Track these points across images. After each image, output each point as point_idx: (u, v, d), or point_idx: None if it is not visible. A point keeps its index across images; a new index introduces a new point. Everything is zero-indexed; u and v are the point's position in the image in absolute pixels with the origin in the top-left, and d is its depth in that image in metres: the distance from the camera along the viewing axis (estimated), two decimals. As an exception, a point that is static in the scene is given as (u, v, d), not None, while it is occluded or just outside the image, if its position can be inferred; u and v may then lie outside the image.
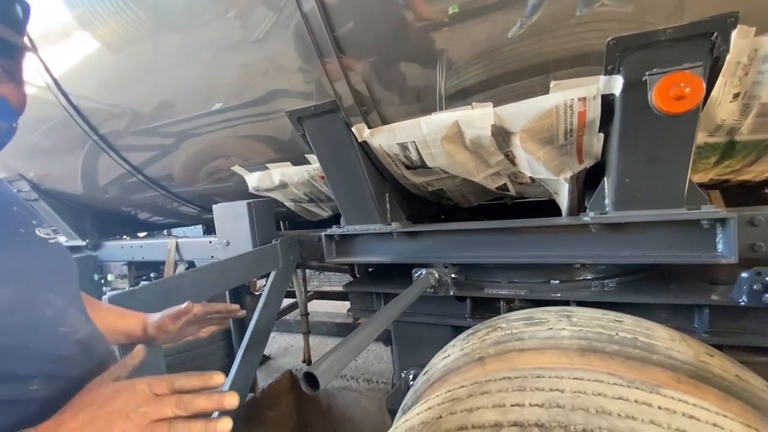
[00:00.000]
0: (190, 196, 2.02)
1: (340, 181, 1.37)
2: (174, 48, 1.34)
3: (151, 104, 1.55)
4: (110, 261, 2.23)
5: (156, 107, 1.55)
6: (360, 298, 1.56)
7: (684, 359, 0.78)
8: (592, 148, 1.09)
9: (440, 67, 1.05)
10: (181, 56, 1.35)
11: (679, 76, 0.78)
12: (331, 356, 0.73)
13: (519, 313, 1.06)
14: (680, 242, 1.04)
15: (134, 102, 1.59)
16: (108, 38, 1.40)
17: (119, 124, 1.68)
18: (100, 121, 1.71)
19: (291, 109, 1.27)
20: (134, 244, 2.12)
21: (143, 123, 1.63)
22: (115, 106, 1.63)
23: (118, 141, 1.77)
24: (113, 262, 2.23)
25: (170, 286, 1.05)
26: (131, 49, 1.40)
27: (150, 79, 1.48)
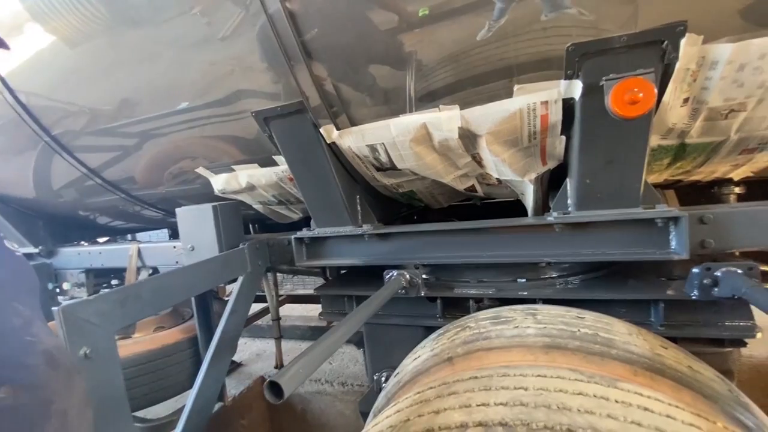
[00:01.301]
0: (153, 199, 1.94)
1: (309, 183, 1.35)
2: (136, 44, 1.28)
3: (111, 103, 1.48)
4: (66, 269, 2.11)
5: (116, 106, 1.48)
6: (332, 301, 1.54)
7: (640, 353, 0.81)
8: (555, 150, 1.12)
9: (409, 70, 1.06)
10: (144, 53, 1.29)
11: (633, 81, 0.81)
12: (298, 363, 0.71)
13: (487, 312, 1.08)
14: (637, 240, 1.09)
15: (92, 101, 1.51)
16: (63, 32, 1.32)
17: (75, 124, 1.59)
18: (53, 121, 1.61)
19: (257, 109, 1.23)
20: (92, 251, 2.01)
21: (102, 123, 1.55)
22: (70, 105, 1.54)
23: (74, 142, 1.68)
24: (69, 269, 2.11)
25: (129, 294, 1.00)
26: (88, 45, 1.33)
27: (109, 77, 1.40)
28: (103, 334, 0.91)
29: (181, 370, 1.75)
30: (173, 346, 1.73)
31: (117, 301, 0.96)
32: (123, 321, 0.98)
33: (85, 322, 0.87)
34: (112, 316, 0.95)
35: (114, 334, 0.95)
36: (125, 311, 0.98)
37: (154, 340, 1.71)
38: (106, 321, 0.93)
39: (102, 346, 0.91)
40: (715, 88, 0.87)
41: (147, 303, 1.05)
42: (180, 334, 1.80)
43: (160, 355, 1.67)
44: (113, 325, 0.95)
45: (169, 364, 1.69)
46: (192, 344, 1.80)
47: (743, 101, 0.88)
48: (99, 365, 0.88)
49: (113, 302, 0.95)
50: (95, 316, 0.90)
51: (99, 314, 0.91)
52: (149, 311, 1.07)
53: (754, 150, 1.05)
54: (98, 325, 0.90)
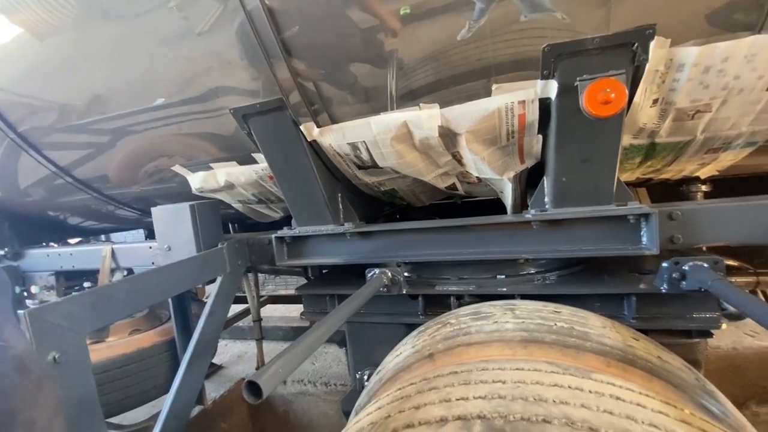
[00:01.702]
0: (127, 198, 1.88)
1: (289, 182, 1.34)
2: (109, 38, 1.24)
3: (82, 99, 1.42)
4: (34, 271, 2.02)
5: (87, 102, 1.43)
6: (313, 300, 1.53)
7: (613, 345, 0.84)
8: (532, 149, 1.14)
9: (390, 68, 1.06)
10: (118, 47, 1.25)
11: (605, 82, 0.84)
12: (277, 362, 0.70)
13: (467, 308, 1.09)
14: (611, 236, 1.13)
15: (61, 96, 1.45)
16: (30, 24, 1.26)
17: (43, 121, 1.53)
18: (19, 117, 1.54)
19: (236, 106, 1.21)
20: (63, 252, 1.93)
21: (72, 119, 1.50)
22: (38, 101, 1.47)
23: (42, 139, 1.61)
24: (38, 272, 2.02)
25: (100, 296, 0.96)
26: (58, 38, 1.28)
27: (80, 72, 1.35)
28: (73, 337, 0.88)
29: (158, 374, 1.70)
30: (150, 349, 1.68)
31: (88, 304, 0.93)
32: (94, 324, 0.95)
33: (53, 326, 0.83)
34: (83, 319, 0.91)
35: (85, 338, 0.92)
36: (97, 314, 0.95)
37: (130, 343, 1.66)
38: (76, 324, 0.89)
39: (72, 350, 0.87)
40: (682, 90, 0.91)
41: (120, 305, 1.02)
42: (157, 336, 1.75)
43: (135, 358, 1.62)
44: (84, 328, 0.92)
45: (145, 368, 1.65)
46: (170, 347, 1.76)
47: (708, 102, 0.92)
48: (69, 370, 0.85)
49: (84, 305, 0.92)
50: (64, 319, 0.87)
51: (68, 317, 0.88)
52: (122, 313, 1.03)
53: (719, 149, 1.10)
54: (68, 328, 0.87)
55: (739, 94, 0.89)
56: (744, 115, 0.95)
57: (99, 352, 1.61)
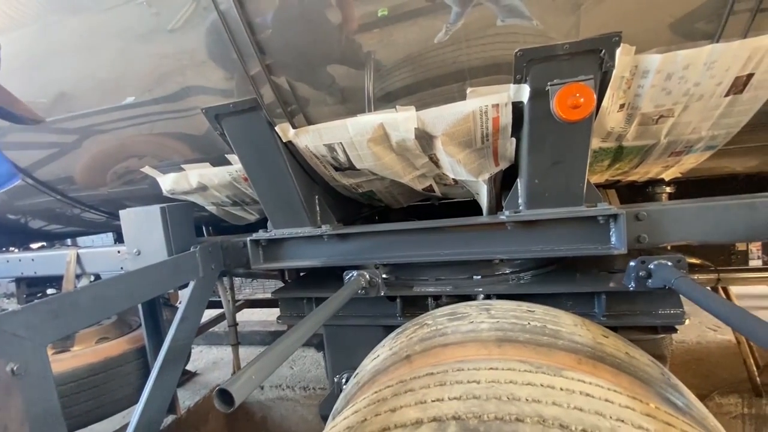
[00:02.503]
0: (93, 201, 1.80)
1: (265, 184, 1.31)
2: (76, 32, 1.18)
3: (45, 96, 1.36)
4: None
5: (51, 100, 1.36)
6: (290, 304, 1.51)
7: (584, 342, 0.86)
8: (506, 152, 1.16)
9: (366, 70, 1.06)
10: (84, 42, 1.20)
11: (575, 87, 0.86)
12: (249, 369, 0.69)
13: (444, 309, 1.10)
14: (581, 237, 1.16)
15: (23, 94, 1.36)
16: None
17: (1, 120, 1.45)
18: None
19: (209, 106, 1.18)
20: (24, 257, 1.83)
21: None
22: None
23: (1, 138, 1.52)
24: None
25: (64, 304, 0.92)
26: (20, 32, 1.21)
27: (45, 68, 1.29)
28: (32, 348, 0.83)
29: (128, 383, 1.64)
30: (119, 357, 1.62)
31: (49, 312, 0.88)
32: (57, 333, 0.91)
33: (11, 336, 0.79)
34: (44, 328, 0.87)
35: (45, 348, 0.87)
36: (59, 322, 0.91)
37: (97, 352, 1.59)
38: (36, 334, 0.85)
39: (32, 361, 0.83)
40: (647, 95, 0.94)
41: (85, 313, 0.97)
42: (126, 344, 1.68)
43: (103, 368, 1.55)
44: (45, 338, 0.87)
45: (113, 378, 1.58)
46: (140, 355, 1.69)
47: (671, 107, 0.97)
48: (30, 382, 0.81)
49: (45, 313, 0.87)
50: (23, 328, 0.82)
51: (28, 327, 0.83)
52: (87, 322, 0.99)
53: (681, 153, 1.16)
54: (27, 338, 0.82)
55: (699, 100, 0.93)
56: (704, 120, 1.00)
57: (64, 362, 1.53)
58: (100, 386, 1.56)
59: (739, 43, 0.82)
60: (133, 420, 1.14)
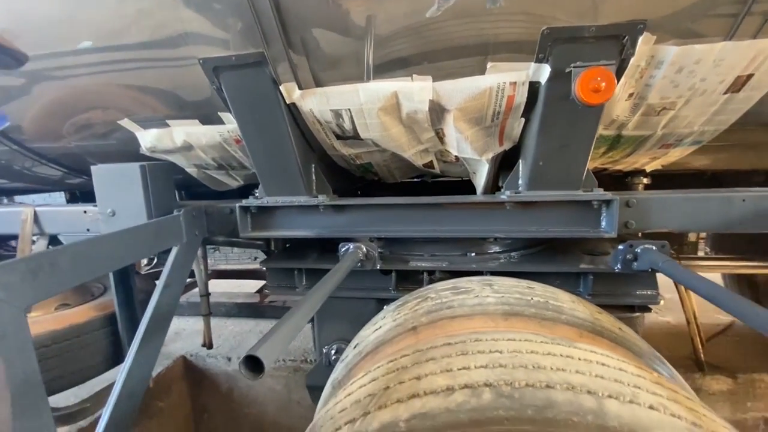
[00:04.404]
0: (53, 154, 1.62)
1: (261, 147, 1.24)
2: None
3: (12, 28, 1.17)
4: (-75, 234, 1.68)
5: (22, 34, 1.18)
6: (279, 275, 1.47)
7: (584, 317, 0.91)
8: (513, 132, 1.18)
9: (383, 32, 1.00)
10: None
11: (598, 71, 0.88)
12: (271, 337, 0.66)
13: (445, 283, 1.12)
14: (574, 219, 1.21)
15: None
16: None
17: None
18: None
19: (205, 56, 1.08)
20: (-34, 213, 1.63)
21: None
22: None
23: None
24: (-69, 235, 1.69)
25: (42, 263, 0.83)
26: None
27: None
28: (11, 311, 0.75)
29: (94, 352, 1.53)
30: (84, 325, 1.50)
31: (27, 272, 0.79)
32: (36, 296, 0.82)
33: (-12, 296, 0.70)
34: (22, 289, 0.78)
35: (24, 311, 0.79)
36: (38, 284, 0.82)
37: (59, 319, 1.46)
38: (14, 296, 0.76)
39: (10, 325, 0.74)
40: (656, 86, 0.98)
41: (65, 274, 0.88)
42: (92, 311, 1.57)
43: (67, 335, 1.44)
44: (23, 300, 0.78)
45: (79, 346, 1.47)
46: (107, 323, 1.59)
47: (674, 101, 1.01)
48: (8, 347, 0.73)
49: (23, 272, 0.78)
50: (0, 289, 0.73)
51: (5, 287, 0.74)
52: (68, 284, 0.90)
53: (671, 145, 1.23)
54: (4, 299, 0.74)
55: (701, 95, 0.99)
56: (700, 115, 1.06)
57: (19, 329, 1.40)
58: (63, 355, 1.45)
59: (749, 42, 0.87)
60: (116, 388, 1.07)
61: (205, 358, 2.89)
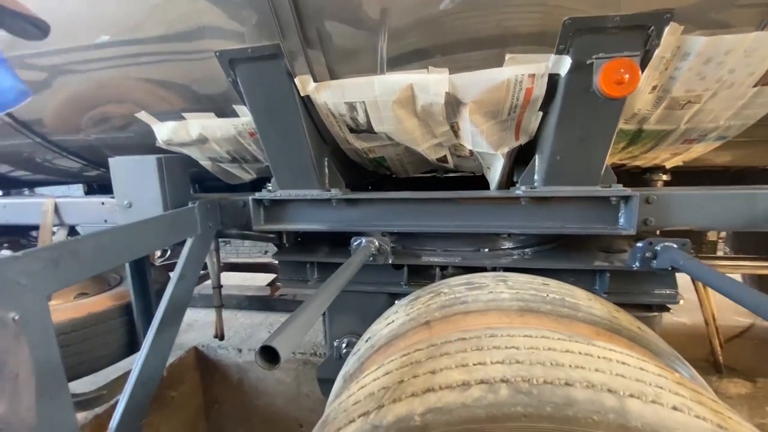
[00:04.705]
0: (74, 147, 1.65)
1: (275, 140, 1.24)
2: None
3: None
4: (-49, 224, 1.73)
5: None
6: (292, 268, 1.47)
7: (601, 315, 0.89)
8: (530, 126, 1.15)
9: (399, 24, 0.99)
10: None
11: (621, 62, 0.85)
12: (287, 328, 0.66)
13: (459, 278, 1.11)
14: (592, 216, 1.19)
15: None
16: None
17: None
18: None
19: (221, 49, 1.08)
20: (-10, 203, 1.67)
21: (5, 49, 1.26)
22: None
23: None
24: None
25: (64, 252, 0.84)
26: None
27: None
28: (33, 297, 0.77)
29: (110, 340, 1.56)
30: (102, 314, 1.53)
31: (50, 260, 0.81)
32: (58, 284, 0.83)
33: (12, 283, 0.71)
34: (45, 276, 0.79)
35: (46, 298, 0.80)
36: (60, 272, 0.83)
37: (79, 307, 1.49)
38: (37, 282, 0.78)
39: (33, 310, 0.76)
40: (681, 79, 0.95)
41: (85, 263, 0.90)
42: (109, 301, 1.60)
43: (86, 324, 1.47)
44: (45, 287, 0.80)
45: (96, 334, 1.50)
46: (123, 312, 1.62)
47: (700, 93, 0.98)
48: (30, 332, 0.74)
49: (46, 261, 0.80)
50: (24, 276, 0.75)
51: (29, 274, 0.76)
52: (88, 273, 0.92)
53: (694, 141, 1.19)
54: (28, 286, 0.75)
55: (729, 88, 0.95)
56: (726, 109, 1.02)
57: (39, 317, 1.43)
58: (81, 343, 1.48)
59: (782, 33, 0.83)
60: (132, 377, 1.09)
61: (216, 349, 2.93)
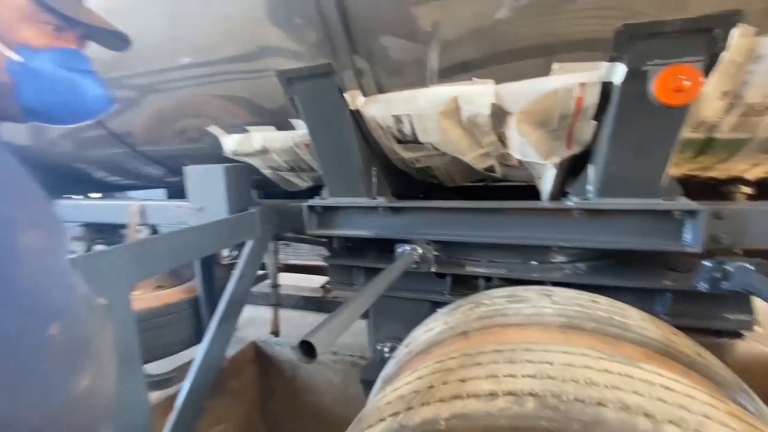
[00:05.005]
0: (157, 156, 1.89)
1: (327, 151, 1.32)
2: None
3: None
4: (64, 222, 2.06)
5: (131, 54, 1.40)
6: (340, 271, 1.55)
7: (654, 337, 0.84)
8: (583, 135, 1.11)
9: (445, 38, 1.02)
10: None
11: (681, 68, 0.80)
12: (326, 326, 0.71)
13: (501, 290, 1.09)
14: (652, 230, 1.10)
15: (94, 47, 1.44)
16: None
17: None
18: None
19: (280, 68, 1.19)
20: (92, 205, 1.96)
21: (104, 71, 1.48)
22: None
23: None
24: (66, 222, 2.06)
25: (143, 249, 0.98)
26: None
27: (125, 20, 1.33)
28: (118, 286, 0.90)
29: (180, 329, 1.75)
30: (174, 305, 1.72)
31: (133, 255, 0.95)
32: (138, 275, 0.97)
33: (103, 273, 0.85)
34: (128, 269, 0.93)
35: (129, 288, 0.94)
36: (140, 266, 0.97)
37: (156, 298, 1.70)
38: (121, 274, 0.91)
39: (117, 298, 0.90)
40: (756, 84, 0.86)
41: (161, 259, 1.04)
42: (181, 294, 1.79)
43: (161, 313, 1.66)
44: (128, 278, 0.94)
45: (169, 323, 1.69)
46: (191, 305, 1.80)
47: (781, 99, 0.88)
48: (114, 317, 0.87)
49: (129, 256, 0.94)
50: (112, 268, 0.88)
51: (115, 267, 0.89)
52: (163, 268, 1.06)
53: (777, 150, 1.06)
54: (115, 277, 0.89)
55: (816, 92, 0.85)
56: (815, 115, 0.91)
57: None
58: (156, 329, 1.68)
59: None
60: (195, 363, 1.22)
61: (273, 345, 3.10)
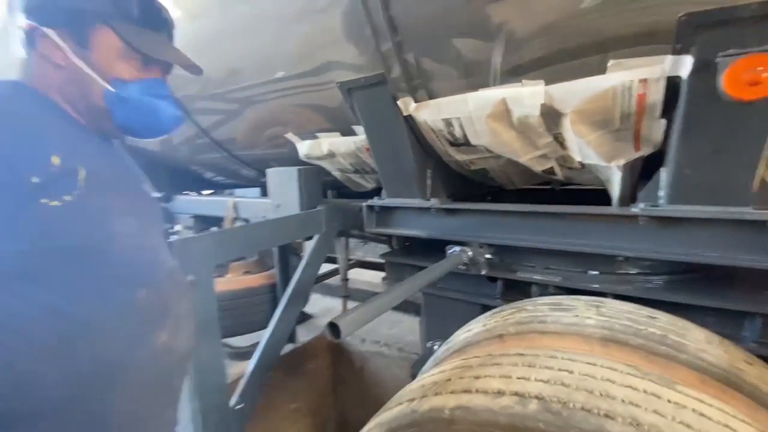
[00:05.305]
0: (249, 159, 2.18)
1: (384, 154, 1.41)
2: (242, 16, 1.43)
3: (220, 71, 1.67)
4: (179, 213, 2.50)
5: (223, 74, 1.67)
6: (395, 268, 1.62)
7: (715, 363, 0.74)
8: (652, 135, 1.01)
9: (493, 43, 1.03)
10: (249, 24, 1.44)
11: (757, 59, 0.70)
12: (355, 312, 0.79)
13: (547, 298, 1.06)
14: (738, 243, 0.96)
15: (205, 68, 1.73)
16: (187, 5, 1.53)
17: (192, 89, 1.84)
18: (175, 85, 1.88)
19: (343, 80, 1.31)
20: (200, 200, 2.35)
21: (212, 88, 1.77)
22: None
23: (190, 105, 1.94)
24: (181, 213, 2.49)
25: (226, 237, 1.18)
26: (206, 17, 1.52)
27: (220, 47, 1.59)
28: (204, 266, 1.10)
29: (260, 310, 2.00)
30: (256, 289, 1.98)
31: (218, 241, 1.15)
32: (219, 258, 1.17)
33: (192, 255, 1.05)
34: (212, 252, 1.13)
35: (212, 268, 1.13)
36: (221, 250, 1.17)
37: (242, 281, 1.97)
38: (206, 256, 1.11)
39: (202, 276, 1.09)
40: None
41: (239, 246, 1.23)
42: (263, 279, 2.05)
43: (245, 295, 1.93)
44: (212, 260, 1.14)
45: (251, 304, 1.95)
46: (270, 290, 2.04)
47: None
48: (199, 291, 1.07)
49: (213, 242, 1.13)
50: (199, 251, 1.08)
51: (202, 250, 1.09)
52: (240, 253, 1.26)
53: None
54: (201, 258, 1.09)
55: None
56: None
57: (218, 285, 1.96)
58: (240, 309, 1.95)
59: None
60: (263, 339, 1.41)
61: (344, 335, 3.29)
